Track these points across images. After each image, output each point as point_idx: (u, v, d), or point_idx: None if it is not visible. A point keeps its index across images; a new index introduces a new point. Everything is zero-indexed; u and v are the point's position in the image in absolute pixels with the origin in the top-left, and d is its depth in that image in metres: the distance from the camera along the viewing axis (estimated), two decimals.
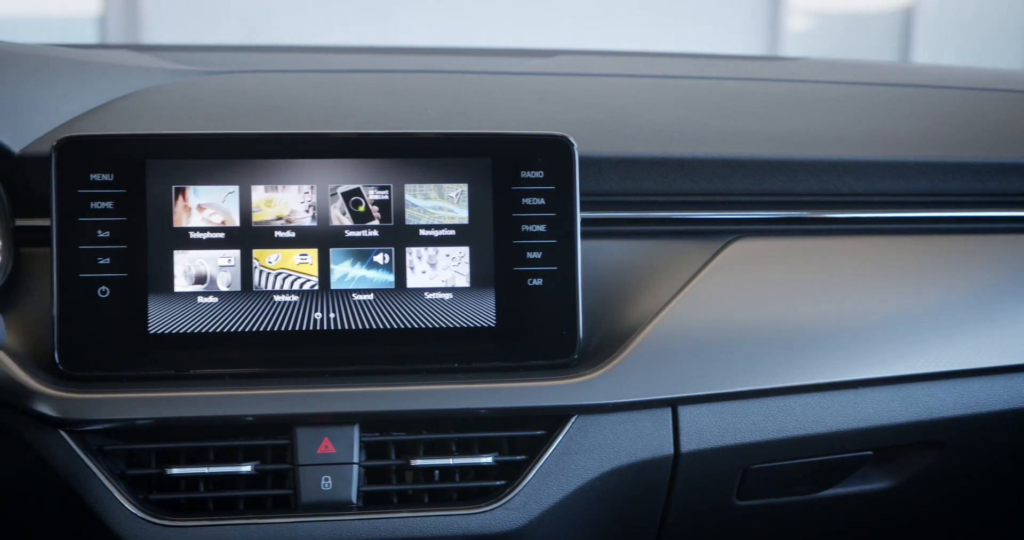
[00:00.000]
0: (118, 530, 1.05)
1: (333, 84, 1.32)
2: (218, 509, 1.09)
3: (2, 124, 1.11)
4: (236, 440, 1.09)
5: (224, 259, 1.12)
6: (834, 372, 1.15)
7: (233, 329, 1.11)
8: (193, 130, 1.14)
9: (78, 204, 1.10)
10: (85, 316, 1.09)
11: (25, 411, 1.05)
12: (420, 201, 1.15)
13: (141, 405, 1.07)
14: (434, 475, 1.12)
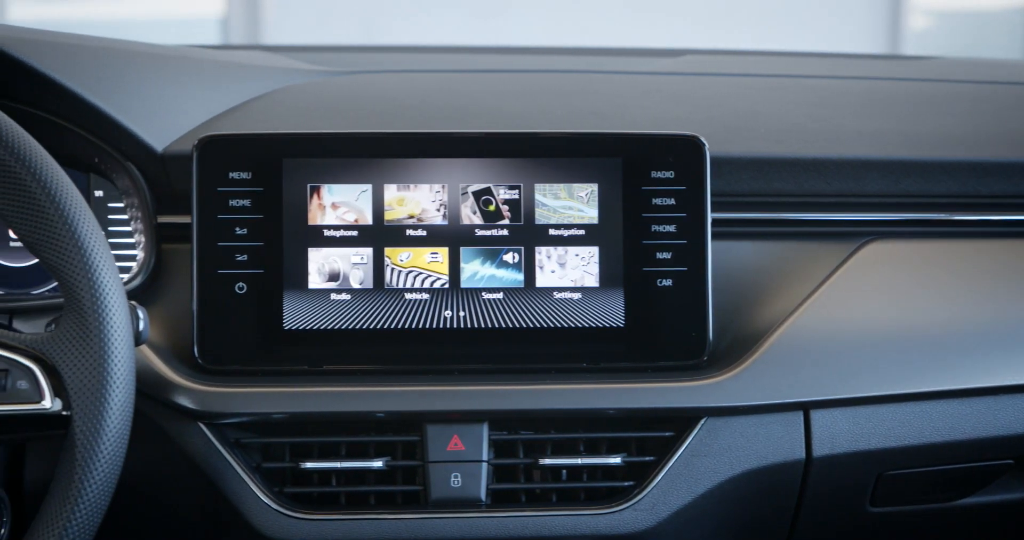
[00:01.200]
0: (254, 522, 1.07)
1: (463, 84, 1.33)
2: (349, 503, 1.10)
3: (147, 124, 1.14)
4: (367, 436, 1.11)
5: (357, 257, 1.14)
6: (971, 378, 1.13)
7: (365, 326, 1.13)
8: (327, 129, 1.15)
9: (217, 202, 1.12)
10: (223, 312, 1.12)
11: (167, 404, 1.08)
12: (550, 201, 1.15)
13: (276, 400, 1.09)
14: (562, 474, 1.12)
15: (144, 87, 1.18)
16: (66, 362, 0.92)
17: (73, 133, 1.16)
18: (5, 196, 0.92)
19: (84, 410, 0.90)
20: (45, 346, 0.93)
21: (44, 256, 0.93)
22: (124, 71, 1.18)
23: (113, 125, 1.13)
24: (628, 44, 1.83)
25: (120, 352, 0.92)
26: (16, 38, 1.11)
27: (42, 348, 0.93)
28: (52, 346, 0.93)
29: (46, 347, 0.93)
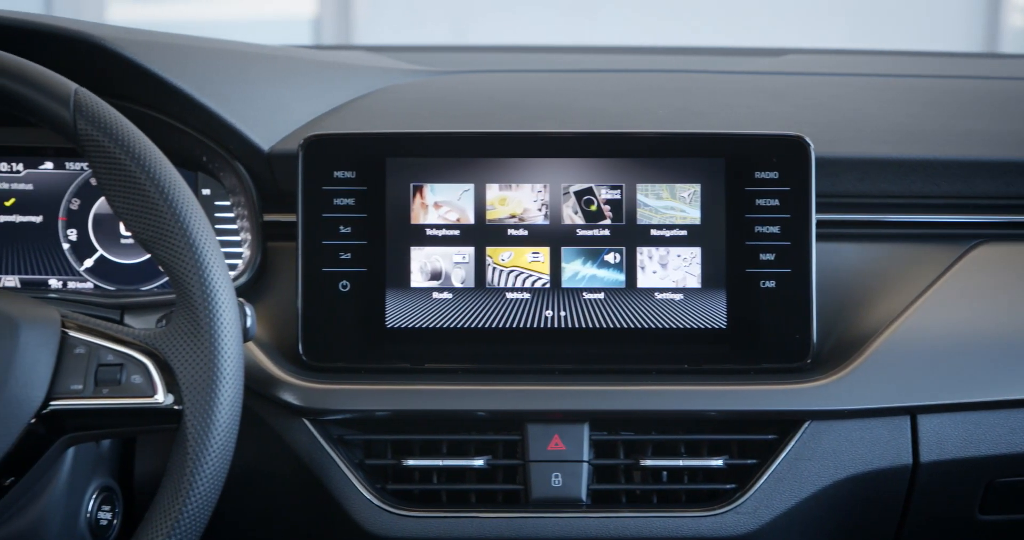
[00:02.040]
0: (357, 518, 1.08)
1: (563, 84, 1.33)
2: (450, 501, 1.11)
3: (254, 123, 1.16)
4: (468, 434, 1.11)
5: (459, 256, 1.15)
6: None
7: (466, 325, 1.14)
8: (429, 129, 1.16)
9: (322, 200, 1.14)
10: (327, 309, 1.13)
11: (272, 400, 1.10)
12: (652, 201, 1.14)
13: (379, 397, 1.10)
14: (662, 476, 1.11)
15: (251, 87, 1.20)
16: (178, 358, 0.94)
17: (183, 132, 1.18)
18: (121, 194, 0.94)
19: (195, 405, 0.92)
20: (158, 342, 0.95)
21: (157, 253, 0.94)
22: (232, 71, 1.20)
23: (222, 125, 1.15)
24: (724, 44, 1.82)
25: (230, 348, 0.94)
26: (131, 40, 1.13)
27: (155, 344, 0.95)
28: (165, 342, 0.94)
29: (159, 343, 0.95)
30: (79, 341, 0.95)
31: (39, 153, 1.23)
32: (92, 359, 0.95)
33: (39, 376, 0.93)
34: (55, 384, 0.94)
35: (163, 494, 0.92)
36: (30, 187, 1.23)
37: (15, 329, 0.93)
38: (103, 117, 0.94)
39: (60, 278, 1.23)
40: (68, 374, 0.94)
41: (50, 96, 0.94)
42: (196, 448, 0.91)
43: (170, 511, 0.91)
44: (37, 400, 0.93)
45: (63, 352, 0.95)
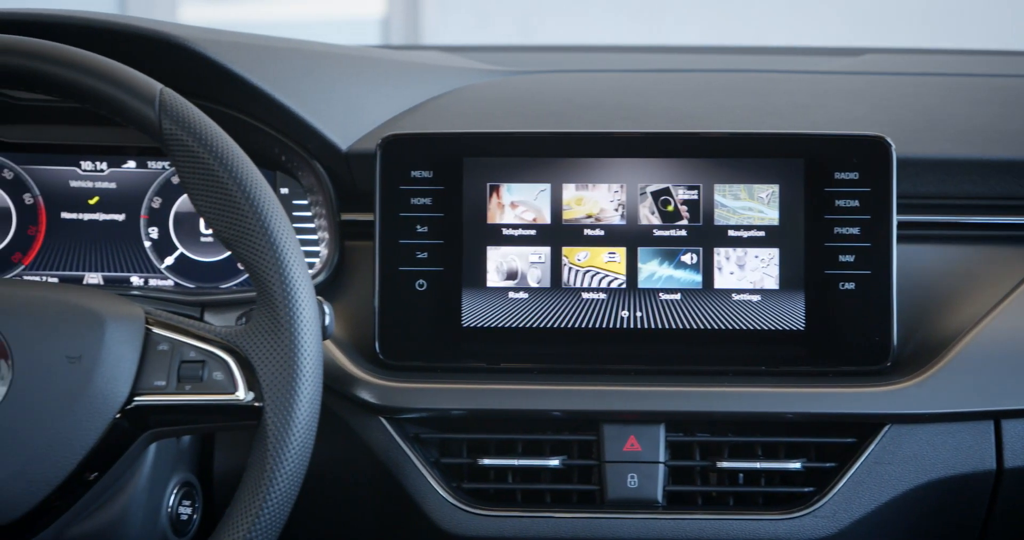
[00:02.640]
0: (433, 516, 1.09)
1: (639, 83, 1.33)
2: (525, 501, 1.11)
3: (332, 123, 1.17)
4: (544, 434, 1.11)
5: (535, 256, 1.15)
6: None
7: (542, 325, 1.14)
8: (506, 129, 1.16)
9: (400, 200, 1.14)
10: (404, 308, 1.14)
11: (349, 397, 1.10)
12: (729, 201, 1.14)
13: (455, 396, 1.11)
14: (738, 478, 1.11)
15: (330, 87, 1.21)
16: (259, 355, 0.94)
17: (262, 132, 1.20)
18: (203, 193, 0.95)
19: (276, 402, 0.93)
20: (239, 339, 0.96)
21: (238, 251, 0.95)
22: (311, 71, 1.21)
23: (300, 124, 1.16)
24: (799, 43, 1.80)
25: (310, 346, 0.95)
26: (213, 40, 1.15)
27: (236, 341, 0.96)
28: (246, 339, 0.95)
29: (240, 340, 0.96)
30: (162, 338, 0.97)
31: (122, 152, 1.25)
32: (175, 356, 0.96)
33: (124, 372, 0.95)
34: (139, 380, 0.95)
35: (243, 490, 0.93)
36: (113, 186, 1.25)
37: (101, 325, 0.95)
38: (187, 117, 0.96)
39: (141, 276, 1.25)
40: (152, 370, 0.96)
41: (136, 96, 0.96)
42: (276, 445, 0.92)
43: (250, 507, 0.92)
44: (122, 395, 0.94)
45: (147, 348, 0.96)
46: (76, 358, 0.93)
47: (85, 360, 0.93)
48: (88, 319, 0.95)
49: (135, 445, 0.97)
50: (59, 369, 0.93)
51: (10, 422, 0.91)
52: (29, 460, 0.91)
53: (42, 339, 0.94)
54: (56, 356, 0.93)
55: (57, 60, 0.95)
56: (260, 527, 0.92)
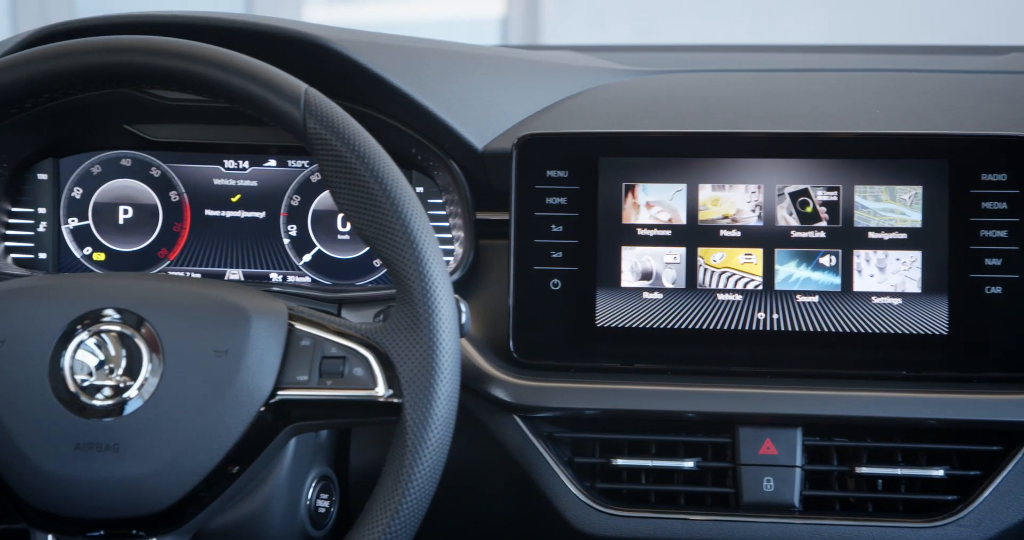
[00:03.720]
0: (567, 515, 1.09)
1: (776, 83, 1.31)
2: (658, 502, 1.11)
3: (468, 122, 1.18)
4: (677, 435, 1.11)
5: (670, 256, 1.14)
6: None
7: (677, 326, 1.13)
8: (641, 129, 1.16)
9: (535, 199, 1.15)
10: (538, 307, 1.14)
11: (484, 395, 1.11)
12: (870, 203, 1.12)
13: (589, 396, 1.11)
14: (877, 484, 1.09)
15: (466, 87, 1.22)
16: (398, 352, 0.95)
17: (399, 131, 1.21)
18: (345, 191, 0.96)
19: (415, 399, 0.94)
20: (379, 336, 0.97)
21: (379, 249, 0.97)
22: (448, 71, 1.22)
23: (438, 124, 1.17)
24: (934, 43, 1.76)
25: (448, 344, 0.95)
26: (353, 41, 1.17)
27: (376, 338, 0.97)
28: (385, 336, 0.96)
29: (380, 337, 0.97)
30: (304, 334, 0.98)
31: (264, 151, 1.27)
32: (317, 351, 0.97)
33: (268, 366, 0.96)
34: (283, 374, 0.97)
35: (382, 486, 0.94)
36: (255, 184, 1.28)
37: (247, 320, 0.97)
38: (331, 116, 0.97)
39: (280, 272, 1.28)
40: (294, 365, 0.97)
41: (282, 96, 0.97)
42: (415, 441, 0.93)
43: (389, 503, 0.93)
44: (266, 389, 0.96)
45: (290, 344, 0.98)
46: (223, 352, 0.95)
47: (232, 354, 0.95)
48: (235, 314, 0.97)
49: (277, 438, 0.98)
50: (207, 363, 0.95)
51: (161, 414, 0.93)
52: (178, 451, 0.93)
53: (191, 333, 0.96)
54: (204, 350, 0.95)
55: (207, 61, 0.97)
56: (399, 522, 0.93)
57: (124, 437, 0.93)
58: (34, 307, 0.96)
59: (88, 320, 0.95)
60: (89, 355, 0.95)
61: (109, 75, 0.97)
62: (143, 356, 0.94)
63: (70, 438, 0.93)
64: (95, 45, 0.96)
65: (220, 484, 0.96)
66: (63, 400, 0.93)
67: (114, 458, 0.93)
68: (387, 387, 0.96)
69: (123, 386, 0.94)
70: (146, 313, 0.96)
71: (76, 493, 0.93)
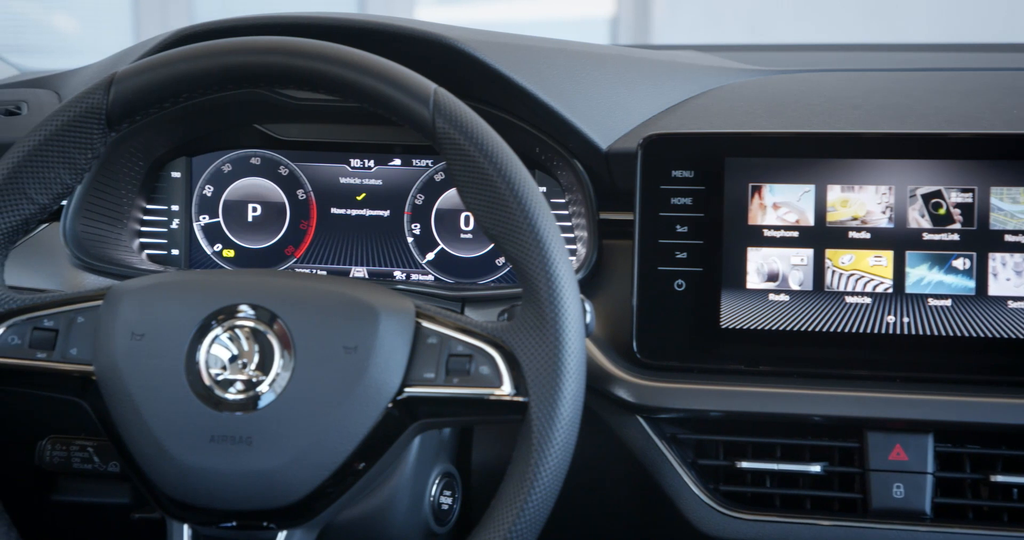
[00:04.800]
0: (690, 517, 1.09)
1: (904, 82, 1.28)
2: (783, 506, 1.09)
3: (593, 122, 1.18)
4: (803, 439, 1.09)
5: (797, 258, 1.13)
6: None
7: (803, 328, 1.12)
8: (768, 129, 1.15)
9: (660, 199, 1.14)
10: (661, 308, 1.14)
11: (607, 395, 1.11)
12: (1007, 205, 1.09)
13: (713, 397, 1.10)
14: (1012, 493, 1.06)
15: (590, 87, 1.21)
16: (524, 351, 0.95)
17: (523, 130, 1.21)
18: (473, 191, 0.97)
19: (541, 398, 0.94)
20: (505, 335, 0.97)
21: (505, 248, 0.97)
22: (572, 71, 1.22)
23: (563, 124, 1.17)
24: None
25: (574, 344, 0.95)
26: (481, 41, 1.17)
27: (502, 336, 0.97)
28: (511, 335, 0.96)
29: (506, 336, 0.97)
30: (431, 331, 0.99)
31: (389, 150, 1.29)
32: (443, 349, 0.98)
33: (396, 363, 0.97)
34: (410, 371, 0.97)
35: (508, 485, 0.94)
36: (379, 183, 1.29)
37: (376, 317, 0.97)
38: (460, 116, 0.98)
39: (403, 270, 1.29)
40: (421, 362, 0.98)
41: (412, 95, 0.98)
42: (540, 440, 0.93)
43: (515, 501, 0.93)
44: (394, 386, 0.97)
45: (417, 341, 0.98)
46: (352, 349, 0.96)
47: (360, 351, 0.96)
48: (363, 311, 0.98)
49: (404, 435, 0.99)
50: (337, 359, 0.96)
51: (293, 409, 0.95)
52: (308, 446, 0.94)
53: (321, 330, 0.97)
54: (334, 346, 0.96)
55: (340, 62, 0.98)
56: (524, 521, 0.93)
57: (257, 431, 0.94)
58: (171, 302, 0.98)
59: (223, 315, 0.97)
60: (223, 350, 0.96)
61: (246, 75, 0.99)
62: (275, 351, 0.96)
63: (205, 430, 0.94)
64: (233, 46, 0.98)
65: (347, 480, 0.97)
66: (198, 393, 0.95)
67: (247, 451, 0.94)
68: (513, 386, 0.96)
69: (255, 381, 0.95)
70: (279, 309, 0.97)
71: (210, 484, 0.95)
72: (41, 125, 1.00)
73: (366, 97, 0.99)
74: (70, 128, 0.99)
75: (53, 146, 1.00)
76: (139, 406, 0.95)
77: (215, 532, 0.98)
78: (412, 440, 1.05)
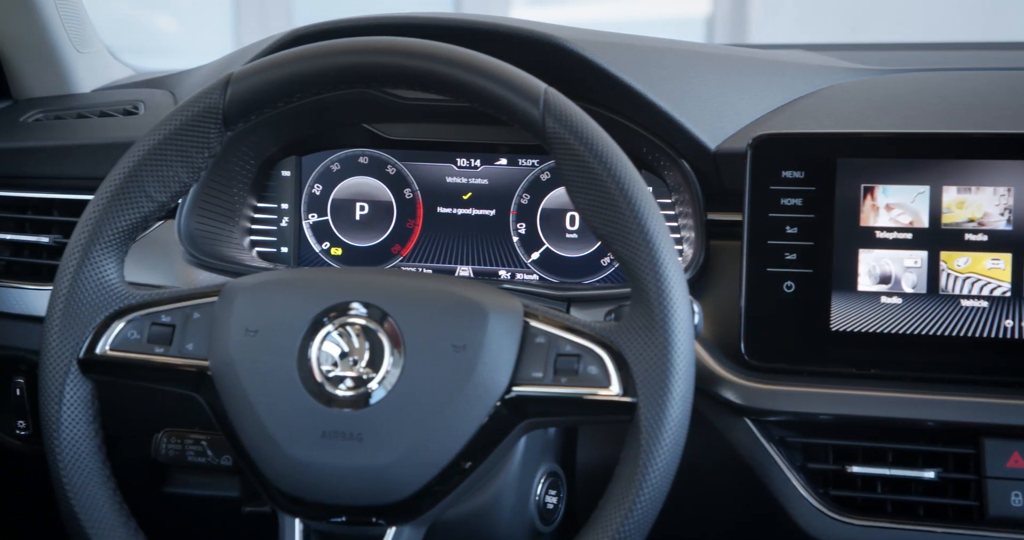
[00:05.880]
0: (799, 521, 1.07)
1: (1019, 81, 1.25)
2: (895, 512, 1.08)
3: (701, 122, 1.17)
4: (915, 444, 1.07)
5: (910, 260, 1.11)
6: None
7: (916, 331, 1.10)
8: (880, 129, 1.13)
9: (769, 200, 1.13)
10: (770, 310, 1.12)
11: (714, 397, 1.10)
12: None
13: (823, 400, 1.09)
14: None
15: (698, 86, 1.21)
16: (633, 352, 0.95)
17: (629, 130, 1.21)
18: (583, 190, 0.97)
19: (650, 399, 0.93)
20: (613, 335, 0.96)
21: (615, 248, 0.96)
22: (680, 70, 1.21)
23: (671, 123, 1.17)
24: None
25: (683, 345, 0.95)
26: (589, 41, 1.17)
27: (611, 337, 0.97)
28: (620, 335, 0.96)
29: (614, 336, 0.96)
30: (539, 331, 0.98)
31: (495, 150, 1.29)
32: (551, 349, 0.98)
33: (504, 362, 0.97)
34: (518, 370, 0.97)
35: (616, 485, 0.94)
36: (486, 182, 1.30)
37: (485, 316, 0.98)
38: (570, 116, 0.97)
39: (508, 269, 1.30)
40: (530, 362, 0.98)
41: (522, 95, 0.98)
42: (649, 442, 0.93)
43: (623, 502, 0.93)
44: (502, 385, 0.97)
45: (525, 340, 0.98)
46: (461, 347, 0.97)
47: (469, 349, 0.96)
48: (472, 310, 0.98)
49: (511, 434, 0.99)
50: (446, 357, 0.96)
51: (402, 406, 0.95)
52: (417, 443, 0.95)
53: (430, 327, 0.98)
54: (443, 344, 0.97)
55: (451, 61, 0.99)
56: (632, 522, 0.93)
57: (367, 427, 0.95)
58: (284, 300, 1.00)
59: (334, 313, 0.98)
60: (334, 347, 0.97)
61: (360, 75, 1.00)
62: (385, 349, 0.97)
63: (317, 426, 0.96)
64: (347, 46, 0.99)
65: (454, 478, 0.97)
66: (310, 390, 0.96)
67: (357, 447, 0.95)
68: (621, 387, 0.95)
69: (365, 378, 0.96)
70: (390, 307, 0.98)
71: (321, 479, 0.96)
72: (160, 125, 1.02)
73: (477, 97, 0.99)
74: (188, 127, 1.01)
75: (172, 145, 1.02)
76: (252, 401, 0.97)
77: (325, 527, 1.00)
78: (519, 439, 1.05)
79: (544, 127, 0.97)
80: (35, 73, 1.52)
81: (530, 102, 0.98)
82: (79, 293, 1.02)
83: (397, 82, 1.01)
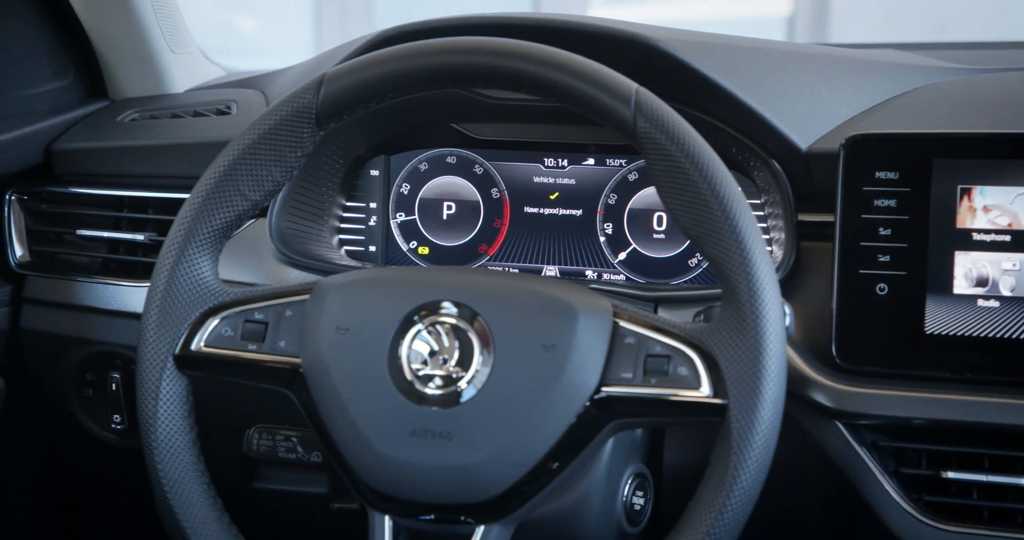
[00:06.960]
0: (892, 526, 1.06)
1: None
2: (991, 519, 1.06)
3: (792, 122, 1.16)
4: (1012, 450, 1.05)
5: (1009, 262, 1.08)
6: None
7: (1014, 335, 1.07)
8: (977, 129, 1.11)
9: (862, 201, 1.11)
10: (862, 312, 1.11)
11: (805, 400, 1.09)
12: None
13: (917, 404, 1.07)
14: None
15: (790, 86, 1.19)
16: (724, 353, 0.94)
17: (719, 130, 1.20)
18: (674, 191, 0.96)
19: (741, 401, 0.92)
20: (704, 336, 0.96)
21: (706, 249, 0.96)
22: (774, 71, 1.20)
23: (762, 124, 1.16)
24: None
25: (775, 346, 0.94)
26: (681, 41, 1.17)
27: (701, 338, 0.96)
28: (710, 337, 0.95)
29: (705, 337, 0.96)
30: (628, 331, 0.98)
31: (582, 150, 1.29)
32: (641, 349, 0.97)
33: (594, 362, 0.97)
34: (607, 371, 0.97)
35: (706, 487, 0.93)
36: (573, 182, 1.30)
37: (574, 316, 0.97)
38: (662, 116, 0.97)
39: (595, 269, 1.29)
40: (619, 362, 0.97)
41: (613, 95, 0.98)
42: (740, 444, 0.92)
43: (713, 504, 0.92)
44: (592, 385, 0.96)
45: (615, 341, 0.98)
46: (551, 347, 0.97)
47: (559, 349, 0.96)
48: (562, 310, 0.98)
49: (600, 435, 0.99)
50: (535, 357, 0.96)
51: (492, 405, 0.96)
52: (506, 443, 0.95)
53: (520, 328, 0.98)
54: (533, 344, 0.97)
55: (542, 61, 0.99)
56: (723, 523, 0.92)
57: (457, 426, 0.95)
58: (375, 298, 1.00)
59: (425, 312, 0.99)
60: (424, 345, 0.98)
61: (452, 75, 1.00)
62: (474, 348, 0.97)
63: (407, 424, 0.96)
64: (440, 47, 1.00)
65: (542, 478, 0.97)
66: (400, 388, 0.97)
67: (447, 446, 0.95)
68: (712, 388, 0.95)
69: (455, 377, 0.96)
70: (480, 307, 0.98)
71: (411, 477, 0.96)
72: (254, 124, 1.03)
73: (568, 97, 0.99)
74: (282, 127, 1.02)
75: (266, 145, 1.03)
76: (343, 399, 0.98)
77: (414, 524, 1.00)
78: (607, 440, 1.05)
79: (635, 127, 0.97)
80: (132, 74, 1.55)
81: (622, 102, 0.97)
82: (175, 290, 1.03)
83: (489, 82, 1.01)
